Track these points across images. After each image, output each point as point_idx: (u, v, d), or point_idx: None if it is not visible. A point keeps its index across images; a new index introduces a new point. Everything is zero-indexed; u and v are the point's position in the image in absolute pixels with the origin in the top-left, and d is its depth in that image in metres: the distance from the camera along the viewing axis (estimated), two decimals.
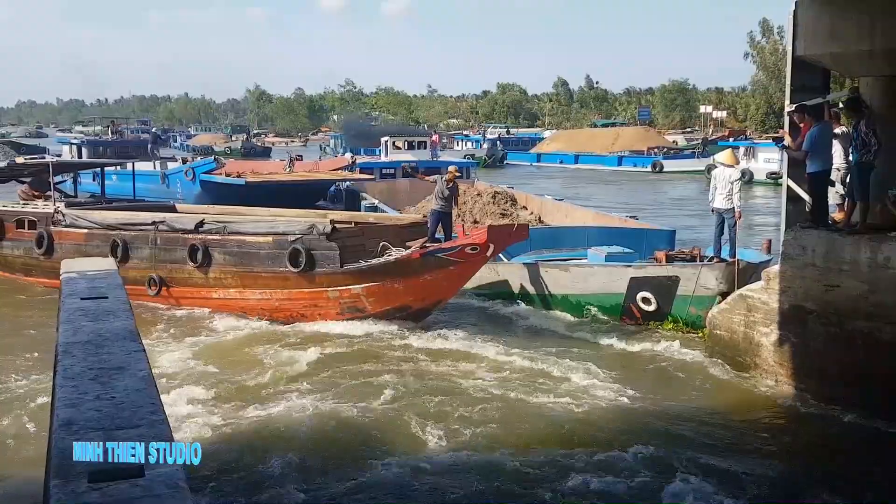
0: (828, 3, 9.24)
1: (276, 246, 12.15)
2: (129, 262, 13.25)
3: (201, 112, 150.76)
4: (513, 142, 66.75)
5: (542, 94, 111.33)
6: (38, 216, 14.80)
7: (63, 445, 2.61)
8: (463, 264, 11.49)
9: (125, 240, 13.45)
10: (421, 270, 11.63)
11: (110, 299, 4.30)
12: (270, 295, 12.41)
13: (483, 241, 11.20)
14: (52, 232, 14.34)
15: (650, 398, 9.13)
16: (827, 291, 8.90)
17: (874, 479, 7.16)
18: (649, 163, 48.85)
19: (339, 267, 11.77)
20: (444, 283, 11.76)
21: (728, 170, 11.61)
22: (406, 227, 13.08)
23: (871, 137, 8.66)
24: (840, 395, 8.72)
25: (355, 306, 12.03)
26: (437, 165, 25.82)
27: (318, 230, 11.94)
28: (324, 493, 6.87)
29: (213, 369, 10.07)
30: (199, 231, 12.94)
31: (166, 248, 13.16)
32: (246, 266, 12.43)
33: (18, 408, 8.58)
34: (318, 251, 11.86)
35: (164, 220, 13.47)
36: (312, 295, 12.15)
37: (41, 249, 14.27)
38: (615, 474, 7.09)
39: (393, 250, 11.83)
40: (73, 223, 14.22)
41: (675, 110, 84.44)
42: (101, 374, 3.20)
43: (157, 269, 13.18)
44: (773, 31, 59.55)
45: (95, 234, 13.91)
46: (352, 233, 12.39)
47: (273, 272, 12.18)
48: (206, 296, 12.89)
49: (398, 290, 11.83)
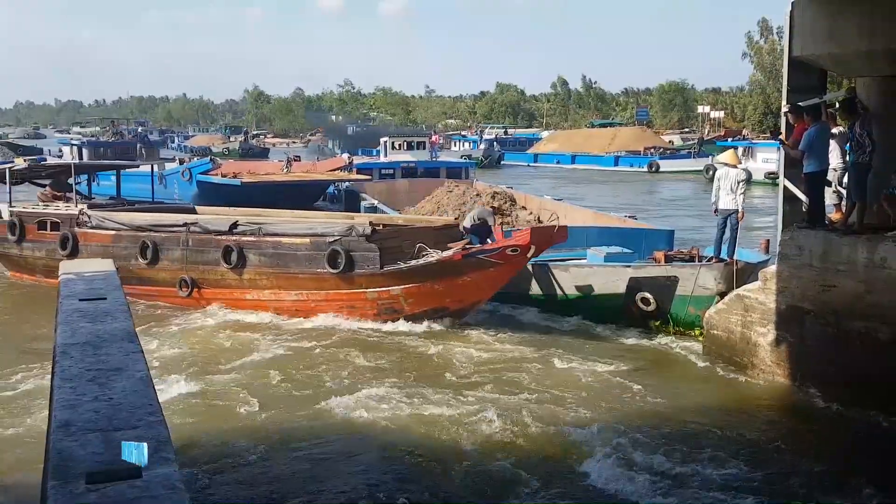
0: (825, 3, 9.25)
1: (313, 247, 12.20)
2: (159, 264, 13.32)
3: (199, 113, 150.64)
4: (510, 142, 66.81)
5: (540, 95, 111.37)
6: (61, 217, 14.74)
7: (61, 447, 2.62)
8: (503, 266, 11.52)
9: (155, 241, 13.41)
10: (461, 272, 11.69)
11: (109, 300, 4.31)
12: (307, 296, 12.46)
13: (526, 243, 11.23)
14: (76, 233, 14.28)
15: (647, 398, 9.13)
16: (824, 291, 8.92)
17: (872, 478, 7.16)
18: (646, 163, 48.93)
19: (379, 268, 11.82)
20: (482, 285, 11.80)
21: (733, 170, 11.62)
22: (439, 229, 13.17)
23: (866, 138, 8.68)
24: (837, 395, 8.74)
25: (393, 307, 12.10)
26: (436, 166, 25.86)
27: (358, 231, 11.99)
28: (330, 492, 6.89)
29: (224, 364, 10.27)
30: (234, 232, 12.97)
31: (199, 249, 13.14)
32: (282, 267, 12.47)
33: (16, 409, 8.58)
34: (358, 252, 11.91)
35: (197, 222, 13.50)
36: (350, 296, 12.20)
37: (65, 251, 14.11)
38: (611, 474, 7.10)
39: (431, 251, 11.87)
40: (100, 224, 14.18)
41: (672, 110, 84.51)
42: (99, 375, 3.21)
43: (188, 271, 13.16)
44: (772, 32, 59.62)
45: (123, 235, 13.86)
46: (390, 234, 12.46)
47: (310, 273, 12.24)
48: (239, 297, 12.91)
49: (437, 291, 11.90)
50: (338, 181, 25.35)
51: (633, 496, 6.81)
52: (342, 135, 57.52)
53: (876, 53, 8.92)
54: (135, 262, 13.44)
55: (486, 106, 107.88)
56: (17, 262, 15.52)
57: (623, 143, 55.13)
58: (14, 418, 8.34)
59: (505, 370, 10.08)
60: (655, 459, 7.42)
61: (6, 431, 8.04)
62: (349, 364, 10.32)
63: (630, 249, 12.86)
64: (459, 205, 17.83)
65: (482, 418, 8.34)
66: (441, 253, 11.78)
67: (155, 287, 13.41)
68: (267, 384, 9.59)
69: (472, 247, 11.84)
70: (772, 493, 6.96)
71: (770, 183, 34.26)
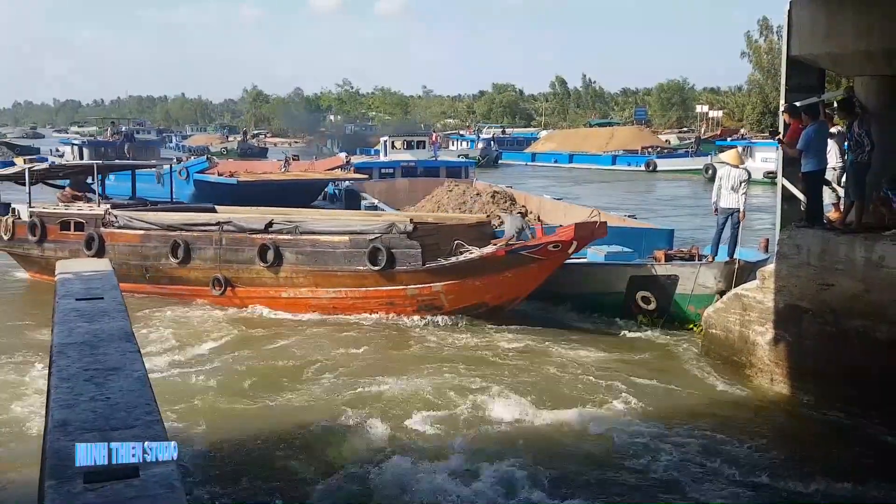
0: (823, 2, 9.26)
1: (353, 245, 12.24)
2: (191, 263, 13.33)
3: (198, 112, 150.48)
4: (508, 141, 66.84)
5: (539, 94, 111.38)
6: (85, 217, 14.69)
7: (58, 446, 2.62)
8: (543, 262, 11.57)
9: (186, 240, 13.39)
10: (502, 268, 11.73)
11: (106, 300, 4.31)
12: (345, 293, 12.49)
13: (569, 239, 11.26)
14: (102, 234, 14.24)
15: (645, 397, 9.13)
16: (822, 290, 8.93)
17: (870, 477, 7.17)
18: (643, 162, 48.95)
19: (421, 265, 11.86)
20: (522, 281, 11.86)
21: (735, 170, 11.64)
22: (473, 226, 13.25)
23: (865, 138, 8.69)
24: (835, 394, 8.74)
25: (432, 304, 12.16)
26: (435, 165, 25.89)
27: (399, 229, 12.04)
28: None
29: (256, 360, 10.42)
30: (270, 231, 12.99)
31: (233, 248, 13.13)
32: (320, 265, 12.49)
33: (13, 408, 8.57)
34: (399, 249, 11.95)
35: (230, 221, 13.49)
36: (390, 293, 12.25)
37: (91, 251, 14.04)
38: (605, 474, 7.11)
39: (471, 248, 11.90)
40: (128, 224, 14.13)
41: (671, 110, 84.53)
42: (96, 374, 3.21)
43: (221, 270, 13.15)
44: (772, 31, 59.57)
45: (153, 234, 13.82)
46: (430, 231, 12.52)
47: (350, 271, 12.27)
48: (275, 295, 12.90)
49: (477, 288, 11.96)
50: (335, 180, 25.37)
51: (629, 496, 6.81)
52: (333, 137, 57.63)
53: (874, 53, 8.92)
54: (165, 261, 13.50)
55: (484, 106, 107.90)
56: (37, 264, 15.32)
57: (620, 142, 55.19)
58: (11, 418, 8.33)
59: (501, 368, 10.10)
60: (652, 459, 7.43)
61: (3, 431, 8.03)
62: (374, 359, 10.44)
63: (630, 248, 12.90)
64: (459, 204, 17.87)
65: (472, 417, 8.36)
66: (482, 249, 11.83)
67: (187, 286, 13.46)
68: (292, 381, 9.59)
69: (515, 243, 11.85)
70: (769, 493, 6.96)
71: (769, 182, 34.26)
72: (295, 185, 24.45)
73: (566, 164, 53.82)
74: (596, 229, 11.73)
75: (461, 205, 17.73)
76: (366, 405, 8.69)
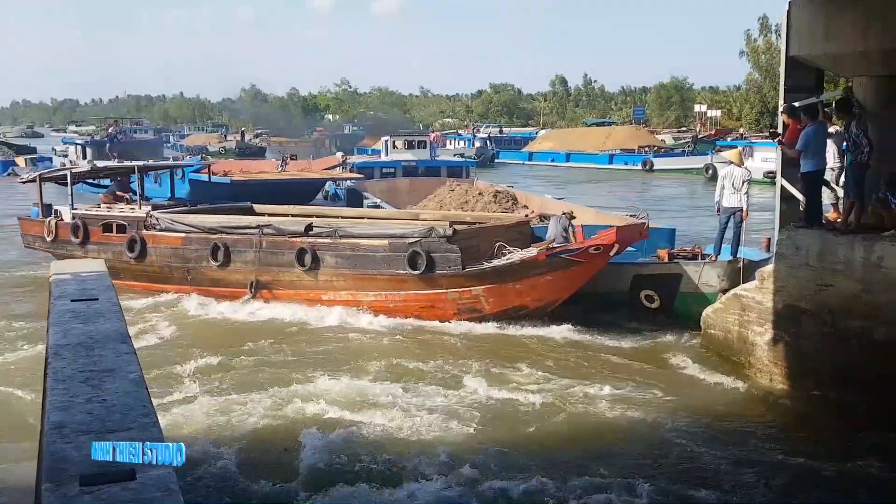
0: (822, 3, 9.27)
1: (392, 249, 12.21)
2: (231, 266, 13.38)
3: (196, 112, 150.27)
4: (505, 141, 66.82)
5: (538, 94, 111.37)
6: (128, 220, 14.72)
7: (54, 449, 2.60)
8: (584, 265, 11.51)
9: (227, 243, 13.43)
10: (543, 271, 11.68)
11: (101, 301, 4.29)
12: (385, 297, 12.45)
13: (611, 242, 11.24)
14: (144, 236, 14.27)
15: (643, 397, 9.14)
16: (821, 291, 8.92)
17: (867, 477, 7.18)
18: (640, 161, 48.94)
19: (461, 269, 11.83)
20: (563, 284, 11.79)
21: (738, 169, 11.75)
22: (512, 226, 13.21)
23: (863, 138, 8.69)
24: (834, 395, 8.76)
25: (473, 307, 12.13)
26: (436, 165, 25.84)
27: (438, 233, 11.98)
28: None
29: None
30: (309, 234, 12.97)
31: (272, 251, 13.15)
32: (359, 269, 12.47)
33: (9, 411, 8.55)
34: (439, 253, 11.92)
35: (270, 224, 13.48)
36: (430, 297, 12.23)
37: (133, 253, 14.21)
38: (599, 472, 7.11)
39: (513, 251, 11.89)
40: (169, 227, 14.16)
41: (669, 109, 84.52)
42: (91, 376, 3.20)
43: (260, 273, 13.18)
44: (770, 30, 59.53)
45: (193, 237, 13.87)
46: (470, 234, 12.48)
47: (389, 274, 12.24)
48: (314, 298, 12.86)
49: (518, 291, 11.91)
50: (332, 179, 25.35)
51: (624, 495, 6.80)
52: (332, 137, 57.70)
53: (871, 53, 8.93)
54: (206, 263, 13.56)
55: (482, 105, 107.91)
56: None
57: (617, 141, 55.15)
58: (6, 420, 8.31)
59: (502, 366, 10.14)
60: (647, 458, 7.43)
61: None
62: (405, 362, 10.42)
63: (633, 248, 12.92)
64: (462, 203, 17.87)
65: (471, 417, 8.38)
66: (523, 252, 11.81)
67: (227, 288, 13.46)
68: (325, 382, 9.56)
69: (556, 246, 11.83)
70: (767, 492, 6.96)
71: (769, 182, 34.27)
72: (290, 184, 24.27)
73: (563, 164, 53.82)
74: (640, 232, 11.78)
75: (463, 204, 17.73)
76: (371, 404, 8.69)
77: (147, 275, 14.31)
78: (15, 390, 9.11)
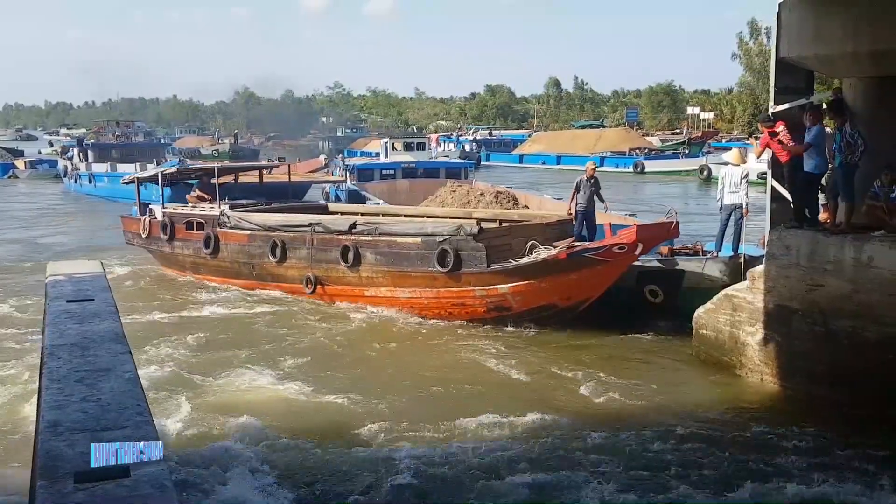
0: (812, 4, 9.32)
1: (424, 246, 12.51)
2: (287, 262, 14.14)
3: (189, 114, 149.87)
4: (495, 143, 66.91)
5: (531, 96, 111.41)
6: (206, 218, 15.67)
7: (49, 447, 2.63)
8: (610, 263, 11.57)
9: (283, 241, 14.17)
10: (567, 270, 11.76)
11: (96, 301, 4.31)
12: (420, 294, 12.78)
13: (632, 241, 11.31)
14: (217, 234, 15.19)
15: (636, 394, 9.20)
16: (811, 291, 8.98)
17: (859, 475, 7.22)
18: (630, 163, 48.97)
19: (486, 267, 12.01)
20: (590, 283, 11.85)
21: (736, 169, 12.05)
22: (553, 224, 13.36)
23: (858, 139, 8.74)
24: (825, 394, 8.80)
25: (501, 305, 12.28)
26: (435, 166, 25.95)
27: (466, 231, 12.21)
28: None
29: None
30: (352, 232, 13.44)
31: (322, 248, 13.78)
32: (396, 266, 12.85)
33: (4, 409, 8.55)
34: (466, 251, 12.14)
35: (320, 223, 14.11)
36: (460, 294, 12.46)
37: (208, 249, 15.19)
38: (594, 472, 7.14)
39: (542, 249, 11.99)
40: (237, 225, 15.01)
41: (661, 111, 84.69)
42: (87, 376, 3.22)
43: (313, 269, 13.78)
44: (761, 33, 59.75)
45: (257, 235, 14.67)
46: (498, 233, 12.82)
47: (422, 272, 12.56)
48: (359, 294, 13.42)
49: (544, 290, 12.00)
50: (315, 182, 25.52)
51: (619, 493, 6.83)
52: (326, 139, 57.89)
53: (860, 55, 8.98)
54: (266, 260, 14.38)
55: (476, 107, 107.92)
56: (168, 259, 16.64)
57: (608, 143, 55.11)
58: (2, 419, 8.31)
59: (505, 364, 10.26)
60: (643, 458, 7.46)
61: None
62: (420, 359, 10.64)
63: None
64: (463, 204, 17.93)
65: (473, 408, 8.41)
66: (548, 251, 11.94)
67: (285, 284, 14.25)
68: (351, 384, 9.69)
69: (577, 245, 11.93)
70: (759, 491, 6.99)
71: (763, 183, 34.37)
72: (272, 188, 24.16)
73: (554, 166, 53.76)
74: (669, 230, 11.81)
75: (465, 204, 17.81)
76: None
77: (221, 270, 15.33)
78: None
